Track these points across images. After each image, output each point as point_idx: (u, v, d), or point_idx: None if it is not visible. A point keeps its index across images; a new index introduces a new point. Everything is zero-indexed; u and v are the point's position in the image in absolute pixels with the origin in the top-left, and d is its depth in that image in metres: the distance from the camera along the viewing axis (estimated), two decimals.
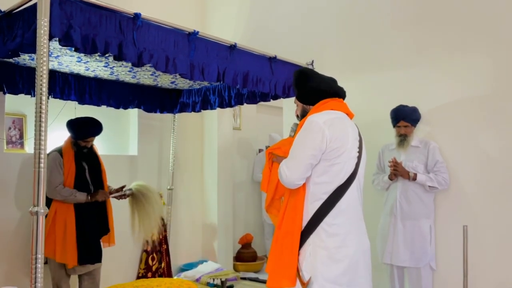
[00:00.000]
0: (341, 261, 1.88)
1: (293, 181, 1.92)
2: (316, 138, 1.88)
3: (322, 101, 2.04)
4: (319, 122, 1.90)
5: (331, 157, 1.90)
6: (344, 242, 1.90)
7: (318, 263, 1.88)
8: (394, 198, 3.09)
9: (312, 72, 2.15)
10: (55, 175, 2.95)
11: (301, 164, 1.90)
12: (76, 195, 2.98)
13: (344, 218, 1.91)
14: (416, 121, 3.09)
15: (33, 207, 1.73)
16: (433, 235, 3.03)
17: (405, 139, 3.07)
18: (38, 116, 1.76)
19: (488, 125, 2.97)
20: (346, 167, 1.92)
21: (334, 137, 1.88)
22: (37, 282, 1.72)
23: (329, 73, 3.57)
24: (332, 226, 1.89)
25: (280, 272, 1.93)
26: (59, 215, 2.96)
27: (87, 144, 3.14)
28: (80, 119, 3.11)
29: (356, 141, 1.99)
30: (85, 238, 3.01)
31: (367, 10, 3.56)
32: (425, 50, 3.24)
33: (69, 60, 2.76)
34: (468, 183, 3.02)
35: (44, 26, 1.76)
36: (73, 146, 3.09)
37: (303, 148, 1.92)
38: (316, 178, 1.92)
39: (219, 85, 3.60)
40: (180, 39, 2.36)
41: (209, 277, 3.71)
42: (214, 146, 4.49)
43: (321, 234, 1.89)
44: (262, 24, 4.22)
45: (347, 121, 2.00)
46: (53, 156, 2.99)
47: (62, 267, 3.03)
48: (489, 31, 2.98)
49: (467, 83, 3.05)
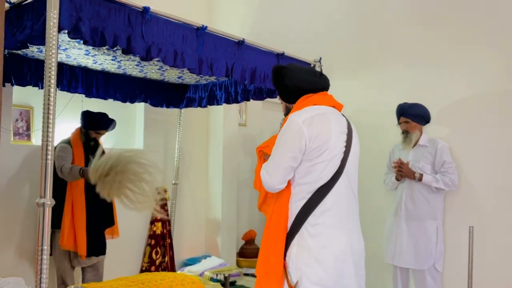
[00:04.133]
0: (325, 262, 1.79)
1: (273, 185, 1.85)
2: (295, 139, 1.80)
3: (303, 96, 1.94)
4: (298, 121, 1.82)
5: (313, 157, 1.81)
6: (329, 242, 1.81)
7: (303, 264, 1.79)
8: (400, 199, 3.07)
9: (288, 67, 1.99)
10: (63, 156, 3.00)
11: (281, 168, 1.83)
12: (72, 168, 2.96)
13: (328, 217, 1.82)
14: (417, 116, 3.03)
15: (40, 199, 1.74)
16: (440, 237, 2.97)
17: (407, 135, 3.05)
18: (46, 108, 1.76)
19: (499, 124, 2.92)
20: (329, 165, 1.83)
21: (314, 136, 1.80)
22: (42, 273, 1.73)
23: (337, 71, 3.61)
24: (315, 226, 1.81)
25: (267, 275, 1.85)
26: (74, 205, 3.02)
27: (98, 136, 3.21)
28: (96, 112, 3.19)
29: (342, 135, 1.89)
30: (92, 230, 3.04)
31: (375, 7, 3.54)
32: (434, 48, 3.20)
33: (77, 53, 2.76)
34: (478, 184, 2.98)
35: (54, 18, 1.76)
36: (82, 136, 3.13)
37: (283, 150, 1.84)
38: (299, 179, 1.85)
39: (226, 80, 3.59)
40: (188, 34, 2.36)
41: (213, 272, 3.71)
42: (219, 141, 4.49)
43: (304, 235, 1.81)
44: (269, 19, 4.21)
45: (330, 115, 1.88)
46: (63, 146, 3.05)
47: (66, 259, 3.05)
48: (499, 27, 2.93)
49: (477, 82, 3.01)
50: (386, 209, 3.23)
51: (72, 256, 3.06)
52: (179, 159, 4.13)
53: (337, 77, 3.63)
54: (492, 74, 2.95)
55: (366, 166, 3.30)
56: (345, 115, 2.03)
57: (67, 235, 2.96)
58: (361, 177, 2.05)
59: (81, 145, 3.12)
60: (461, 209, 3.04)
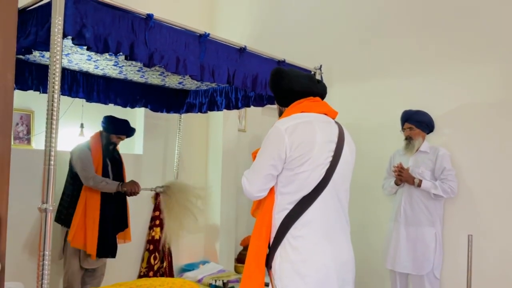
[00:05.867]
0: (307, 276, 1.72)
1: (252, 193, 1.82)
2: (275, 146, 1.76)
3: (296, 102, 1.90)
4: (281, 129, 1.77)
5: (294, 166, 1.75)
6: (310, 256, 1.74)
7: (285, 277, 1.74)
8: (399, 204, 3.10)
9: (287, 71, 1.96)
10: (89, 165, 3.06)
11: (260, 175, 1.79)
12: (108, 182, 3.07)
13: (311, 229, 1.76)
14: (422, 123, 3.06)
15: (42, 204, 1.74)
16: (439, 243, 2.99)
17: (410, 142, 3.08)
18: (50, 114, 1.77)
19: (499, 132, 2.94)
20: (312, 175, 1.75)
21: (295, 144, 1.74)
22: (44, 279, 1.73)
23: (337, 79, 3.64)
24: (297, 238, 1.75)
25: (248, 282, 1.79)
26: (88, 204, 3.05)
27: (118, 141, 3.31)
28: (120, 118, 3.31)
29: (330, 144, 1.81)
30: (104, 230, 3.08)
31: (376, 16, 3.57)
32: (434, 57, 3.23)
33: (79, 58, 2.77)
34: (478, 192, 2.99)
35: (58, 24, 1.77)
36: (102, 139, 3.21)
37: (263, 158, 1.80)
38: (282, 188, 1.80)
39: (226, 86, 3.60)
40: (191, 41, 2.36)
41: (211, 278, 3.71)
42: (218, 147, 4.50)
43: (286, 247, 1.76)
44: (270, 27, 4.23)
45: (317, 123, 1.81)
46: (83, 151, 3.11)
47: (77, 259, 3.06)
48: (498, 36, 2.96)
49: (476, 90, 3.03)
50: (387, 214, 3.25)
51: (82, 256, 3.06)
52: (178, 164, 4.13)
53: (338, 85, 3.66)
54: (492, 82, 2.97)
55: (365, 172, 3.33)
56: (345, 122, 2.03)
57: (75, 232, 2.97)
58: (360, 183, 2.05)
59: (100, 148, 3.17)
60: (460, 216, 3.05)
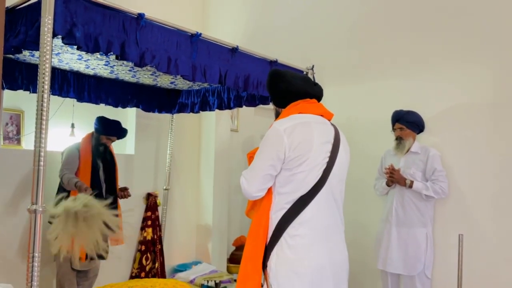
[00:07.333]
0: (303, 275, 1.75)
1: (251, 193, 1.83)
2: (274, 147, 1.79)
3: (292, 103, 1.93)
4: (279, 129, 1.80)
5: (292, 166, 1.78)
6: (307, 254, 1.77)
7: (281, 276, 1.77)
8: (390, 205, 3.10)
9: (284, 72, 1.99)
10: (69, 164, 3.06)
11: (259, 175, 1.81)
12: (70, 181, 2.99)
13: (307, 228, 1.79)
14: (412, 124, 3.07)
15: (32, 205, 1.72)
16: (429, 244, 3.00)
17: (401, 142, 3.09)
18: (39, 114, 1.75)
19: (490, 133, 2.95)
20: (310, 175, 1.79)
21: (294, 145, 1.77)
22: (33, 281, 1.71)
23: (329, 79, 3.64)
24: (294, 237, 1.78)
25: (244, 282, 1.81)
26: None
27: (108, 142, 3.28)
28: (112, 119, 3.28)
29: (327, 145, 1.85)
30: None
31: (368, 16, 3.58)
32: (426, 57, 3.24)
33: (69, 57, 2.75)
34: (469, 192, 3.01)
35: (48, 24, 1.76)
36: (92, 140, 3.20)
37: (262, 158, 1.82)
38: (280, 188, 1.83)
39: (219, 86, 3.60)
40: (182, 41, 2.36)
41: (204, 279, 3.70)
42: (211, 147, 4.49)
43: (283, 246, 1.79)
44: (262, 27, 4.23)
45: (314, 124, 1.85)
46: (71, 151, 3.12)
47: (68, 261, 3.02)
48: (491, 37, 2.98)
49: (468, 91, 3.04)
50: (378, 215, 3.26)
51: (73, 257, 3.03)
52: (170, 165, 4.11)
53: (329, 85, 3.66)
54: (483, 83, 2.99)
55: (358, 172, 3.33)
56: (337, 122, 2.04)
57: None
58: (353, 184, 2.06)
59: (90, 149, 3.14)
60: (451, 216, 3.07)
